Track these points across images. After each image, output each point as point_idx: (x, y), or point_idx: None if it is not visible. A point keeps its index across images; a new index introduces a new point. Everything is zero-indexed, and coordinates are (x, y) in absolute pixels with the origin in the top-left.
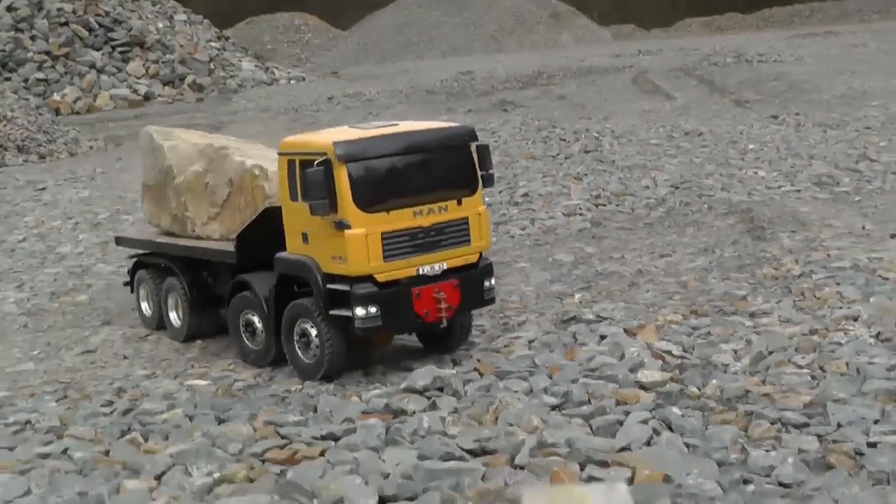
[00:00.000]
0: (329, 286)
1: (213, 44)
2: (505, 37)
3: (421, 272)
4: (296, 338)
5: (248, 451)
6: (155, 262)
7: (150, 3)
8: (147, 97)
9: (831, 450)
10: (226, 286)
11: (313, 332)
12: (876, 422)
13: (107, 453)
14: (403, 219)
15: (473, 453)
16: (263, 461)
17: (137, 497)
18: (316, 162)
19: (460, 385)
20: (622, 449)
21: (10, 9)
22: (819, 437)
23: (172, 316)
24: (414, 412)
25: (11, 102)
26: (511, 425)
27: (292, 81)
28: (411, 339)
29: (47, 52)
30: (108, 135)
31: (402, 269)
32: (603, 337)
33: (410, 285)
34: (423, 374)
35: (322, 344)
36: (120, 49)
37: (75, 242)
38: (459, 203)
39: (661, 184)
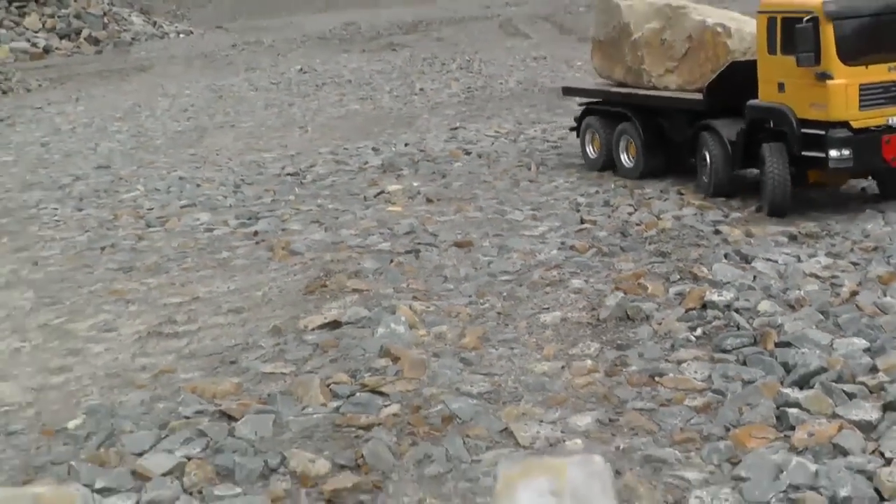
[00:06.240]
0: (804, 130)
1: None
2: None
3: (890, 122)
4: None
5: None
6: (607, 110)
7: None
8: (46, 50)
9: None
10: (680, 130)
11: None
12: None
13: None
14: (879, 73)
15: None
16: None
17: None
18: (805, 19)
19: None
20: None
21: None
22: None
23: (623, 157)
24: None
25: None
26: None
27: (181, 35)
28: None
29: None
30: (45, 76)
31: (874, 117)
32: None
33: (881, 133)
34: None
35: (766, 183)
36: (16, 4)
37: (118, 126)
38: None
39: (511, 82)
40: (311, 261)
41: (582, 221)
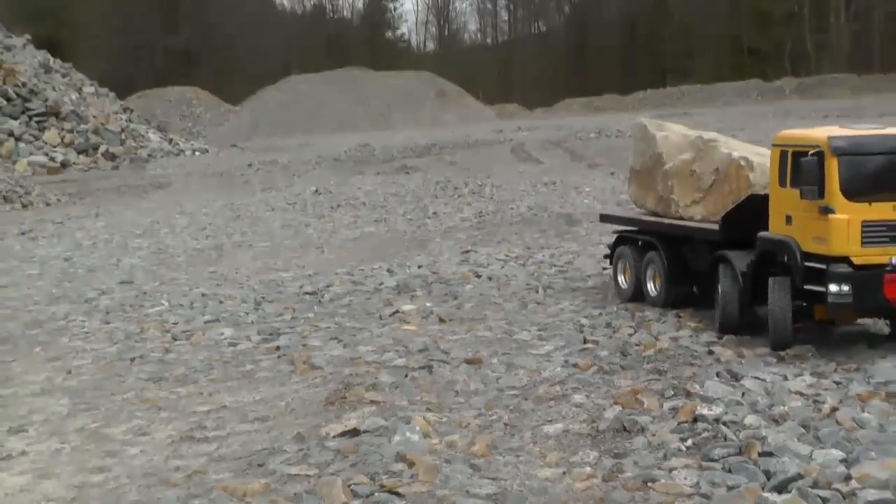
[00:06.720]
0: (807, 263)
1: (121, 116)
2: (392, 114)
3: (893, 262)
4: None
5: None
6: (636, 238)
7: (59, 75)
8: (64, 164)
9: None
10: (702, 261)
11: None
12: None
13: None
14: (883, 211)
15: None
16: None
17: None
18: (810, 153)
19: None
20: None
21: None
22: None
23: (650, 286)
24: None
25: None
26: None
27: (197, 153)
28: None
29: None
30: (63, 191)
31: (877, 255)
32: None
33: (883, 272)
34: None
35: (769, 316)
36: (36, 119)
37: (138, 243)
38: None
39: (522, 206)
40: (331, 374)
41: (585, 341)
